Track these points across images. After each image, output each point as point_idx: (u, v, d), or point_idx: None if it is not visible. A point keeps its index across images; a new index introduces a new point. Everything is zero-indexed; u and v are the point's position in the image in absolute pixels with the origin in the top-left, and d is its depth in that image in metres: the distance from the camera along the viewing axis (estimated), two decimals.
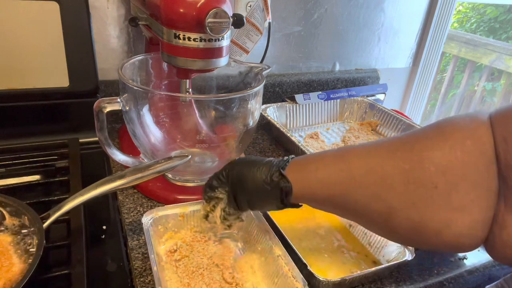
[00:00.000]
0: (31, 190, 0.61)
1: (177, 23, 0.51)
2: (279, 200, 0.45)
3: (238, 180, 0.48)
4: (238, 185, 0.48)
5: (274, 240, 0.51)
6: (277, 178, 0.45)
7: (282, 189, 0.44)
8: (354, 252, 0.57)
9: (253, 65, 0.67)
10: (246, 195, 0.48)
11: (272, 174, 0.45)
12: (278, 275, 0.48)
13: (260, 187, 0.46)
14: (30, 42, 0.66)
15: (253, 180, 0.46)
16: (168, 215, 0.55)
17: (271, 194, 0.45)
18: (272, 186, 0.45)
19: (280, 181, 0.44)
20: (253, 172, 0.46)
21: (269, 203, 0.47)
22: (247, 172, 0.47)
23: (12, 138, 0.70)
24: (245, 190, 0.47)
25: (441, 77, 2.36)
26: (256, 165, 0.47)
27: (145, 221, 0.52)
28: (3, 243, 0.45)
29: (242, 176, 0.47)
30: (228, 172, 0.49)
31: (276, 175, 0.45)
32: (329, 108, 0.99)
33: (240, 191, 0.48)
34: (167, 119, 0.65)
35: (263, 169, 0.46)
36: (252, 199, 0.48)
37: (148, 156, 0.62)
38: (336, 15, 1.04)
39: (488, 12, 3.51)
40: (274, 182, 0.45)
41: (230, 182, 0.48)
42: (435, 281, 0.55)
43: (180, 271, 0.49)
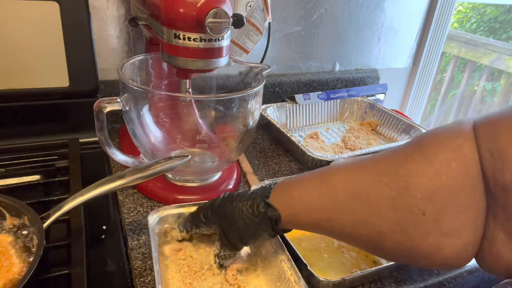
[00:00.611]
0: (31, 190, 0.61)
1: (177, 23, 0.51)
2: (271, 229, 0.45)
3: (224, 219, 0.47)
4: (226, 224, 0.47)
5: (278, 244, 0.51)
6: (264, 209, 0.44)
7: (271, 218, 0.44)
8: (354, 252, 0.57)
9: (253, 65, 0.67)
10: (236, 232, 0.47)
11: (258, 206, 0.45)
12: (280, 279, 0.48)
13: (249, 221, 0.45)
14: (30, 42, 0.66)
15: (240, 216, 0.46)
16: (174, 215, 0.55)
17: (261, 226, 0.45)
18: (261, 218, 0.44)
19: (268, 211, 0.44)
20: (238, 208, 0.46)
21: (260, 235, 0.46)
22: (232, 210, 0.46)
23: (12, 138, 0.70)
24: (234, 228, 0.46)
25: (441, 77, 2.36)
26: (239, 201, 0.46)
27: (151, 219, 0.52)
28: (3, 243, 0.45)
29: (228, 215, 0.47)
30: (212, 211, 0.48)
31: (262, 206, 0.44)
32: (329, 108, 0.99)
33: (229, 229, 0.47)
34: (167, 119, 0.65)
35: (247, 203, 0.46)
36: (243, 235, 0.47)
37: (148, 156, 0.62)
38: (336, 15, 1.04)
39: (488, 12, 3.51)
40: (261, 213, 0.44)
41: (218, 222, 0.48)
42: (435, 281, 0.55)
43: (183, 271, 0.49)
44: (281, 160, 0.81)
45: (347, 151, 0.84)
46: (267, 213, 0.44)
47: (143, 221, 0.59)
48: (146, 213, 0.60)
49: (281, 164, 0.80)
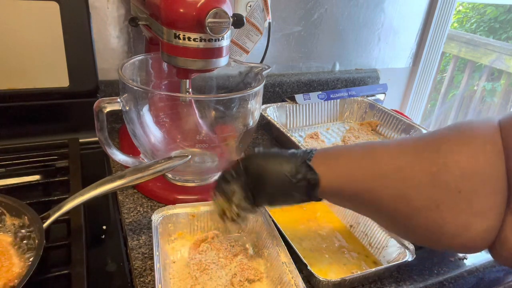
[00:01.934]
0: (31, 190, 0.61)
1: (177, 23, 0.51)
2: (304, 193, 0.43)
3: (257, 174, 0.44)
4: (258, 179, 0.44)
5: (281, 247, 0.51)
6: (304, 170, 0.42)
7: (309, 181, 0.42)
8: (354, 253, 0.57)
9: (253, 65, 0.67)
10: (267, 189, 0.44)
11: (298, 166, 0.43)
12: (281, 282, 0.48)
13: (285, 179, 0.43)
14: (30, 42, 0.66)
15: (276, 174, 0.43)
16: (178, 214, 0.55)
17: (296, 188, 0.43)
18: (298, 179, 0.42)
19: (308, 173, 0.42)
20: (275, 165, 0.44)
21: (291, 196, 0.44)
22: (268, 166, 0.44)
23: (12, 138, 0.70)
24: (266, 185, 0.44)
25: (441, 77, 2.36)
26: (277, 158, 0.44)
27: (154, 218, 0.52)
28: (3, 243, 0.45)
29: (263, 170, 0.44)
30: (245, 165, 0.45)
31: (303, 167, 0.43)
32: (329, 108, 0.99)
33: (260, 186, 0.44)
34: (167, 119, 0.65)
35: (287, 161, 0.43)
36: (274, 193, 0.45)
37: (148, 156, 0.62)
38: (336, 15, 1.04)
39: (488, 12, 3.51)
40: (300, 174, 0.42)
41: (249, 176, 0.45)
42: (435, 281, 0.55)
43: (186, 271, 0.49)
44: None
45: None
46: (306, 175, 0.42)
47: (143, 221, 0.59)
48: (146, 213, 0.60)
49: None
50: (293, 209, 0.64)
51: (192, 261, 0.50)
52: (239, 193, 0.46)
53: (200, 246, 0.52)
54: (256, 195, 0.45)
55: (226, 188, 0.47)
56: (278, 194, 0.45)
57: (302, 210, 0.64)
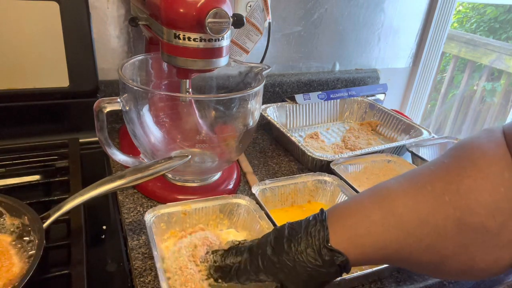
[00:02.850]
0: (31, 190, 0.61)
1: (177, 23, 0.51)
2: (339, 274, 0.41)
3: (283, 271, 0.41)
4: (286, 276, 0.41)
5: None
6: (329, 257, 0.39)
7: (339, 265, 0.40)
8: None
9: (253, 65, 0.67)
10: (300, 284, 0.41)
11: (321, 254, 0.40)
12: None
13: (314, 272, 0.40)
14: (30, 42, 0.66)
15: (303, 268, 0.40)
16: (170, 213, 0.55)
17: (328, 273, 0.40)
18: (327, 266, 0.40)
19: (334, 258, 0.39)
20: (297, 259, 0.40)
21: (327, 281, 0.42)
22: (290, 260, 0.41)
23: (12, 138, 0.70)
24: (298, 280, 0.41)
25: (441, 77, 2.36)
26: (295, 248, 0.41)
27: (147, 218, 0.52)
28: (3, 243, 0.45)
29: (287, 266, 0.41)
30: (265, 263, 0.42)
31: (325, 252, 0.39)
32: (329, 108, 0.99)
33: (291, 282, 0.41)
34: (167, 119, 0.65)
35: (307, 252, 0.40)
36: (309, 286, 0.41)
37: (148, 156, 0.62)
38: (336, 15, 1.04)
39: (488, 12, 3.51)
40: (327, 262, 0.39)
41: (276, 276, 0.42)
42: (435, 281, 0.55)
43: (170, 261, 0.49)
44: (281, 160, 0.81)
45: (347, 151, 0.84)
46: (334, 261, 0.39)
47: (143, 221, 0.59)
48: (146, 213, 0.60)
49: (281, 164, 0.80)
50: (292, 209, 0.64)
51: (171, 257, 0.50)
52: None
53: (179, 241, 0.52)
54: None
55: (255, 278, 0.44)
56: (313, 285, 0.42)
57: (302, 210, 0.64)
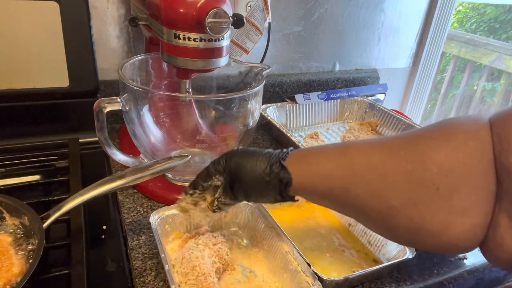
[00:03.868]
0: (31, 190, 0.61)
1: (177, 23, 0.51)
2: (278, 192, 0.44)
3: (236, 169, 0.46)
4: (236, 174, 0.46)
5: (281, 237, 0.52)
6: (277, 169, 0.44)
7: (281, 180, 0.43)
8: (354, 251, 0.57)
9: (253, 65, 0.67)
10: (243, 185, 0.46)
11: (272, 165, 0.44)
12: (287, 270, 0.49)
13: (259, 177, 0.44)
14: (30, 42, 0.66)
15: (252, 170, 0.45)
16: (174, 215, 0.55)
17: (270, 185, 0.44)
18: (272, 177, 0.44)
19: (280, 172, 0.43)
20: (252, 162, 0.45)
21: (266, 195, 0.46)
22: (246, 162, 0.46)
23: (12, 138, 0.70)
24: (243, 180, 0.46)
25: (441, 77, 2.36)
26: (255, 156, 0.46)
27: (152, 220, 0.52)
28: (3, 243, 0.45)
29: (241, 166, 0.46)
30: (226, 160, 0.47)
31: (276, 166, 0.44)
32: (329, 108, 0.99)
33: (238, 181, 0.46)
34: (167, 119, 0.65)
35: (262, 160, 0.45)
36: (250, 190, 0.46)
37: (148, 156, 0.62)
38: (336, 15, 1.04)
39: (488, 12, 3.52)
40: (273, 173, 0.44)
41: (228, 171, 0.47)
42: (435, 281, 0.55)
43: (187, 272, 0.50)
44: None
45: None
46: (279, 174, 0.43)
47: (143, 221, 0.59)
48: (146, 213, 0.60)
49: None
50: (291, 209, 0.64)
51: (179, 259, 0.50)
52: (220, 187, 0.48)
53: (188, 242, 0.53)
54: (234, 190, 0.47)
55: (209, 182, 0.48)
56: (254, 191, 0.46)
57: (301, 210, 0.64)
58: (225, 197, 0.48)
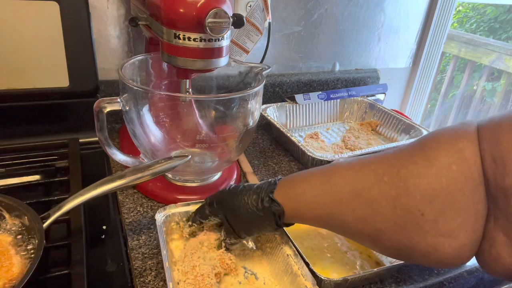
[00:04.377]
0: (31, 190, 0.61)
1: (177, 23, 0.51)
2: (274, 223, 0.47)
3: (230, 210, 0.49)
4: (231, 215, 0.49)
5: (284, 240, 0.52)
6: (268, 204, 0.46)
7: (274, 213, 0.46)
8: (357, 253, 0.57)
9: (253, 65, 0.67)
10: (241, 223, 0.49)
11: (263, 200, 0.47)
12: (287, 274, 0.49)
13: (254, 215, 0.47)
14: (30, 42, 0.66)
15: (246, 210, 0.48)
16: (180, 213, 0.55)
17: (265, 219, 0.47)
18: (265, 212, 0.47)
19: (272, 206, 0.46)
20: (244, 202, 0.48)
21: (264, 228, 0.49)
22: (238, 203, 0.48)
23: (12, 138, 0.70)
24: (240, 220, 0.49)
25: (441, 77, 2.36)
26: (245, 194, 0.48)
27: (158, 217, 0.53)
28: (3, 243, 0.45)
29: (234, 207, 0.49)
30: (217, 202, 0.50)
31: (267, 201, 0.46)
32: (329, 108, 0.99)
33: (234, 220, 0.49)
34: (167, 119, 0.65)
35: (252, 197, 0.48)
36: (248, 227, 0.49)
37: (148, 156, 0.62)
38: (336, 15, 1.04)
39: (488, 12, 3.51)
40: (266, 208, 0.46)
41: (223, 214, 0.50)
42: (435, 281, 0.55)
43: (189, 270, 0.50)
44: (281, 160, 0.81)
45: (347, 151, 0.84)
46: (271, 208, 0.46)
47: (143, 221, 0.59)
48: (146, 213, 0.60)
49: (281, 164, 0.80)
50: None
51: (181, 257, 0.51)
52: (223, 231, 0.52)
53: (192, 241, 0.53)
54: (234, 229, 0.50)
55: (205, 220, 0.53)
56: (252, 226, 0.49)
57: None
58: (229, 238, 0.51)
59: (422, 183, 0.37)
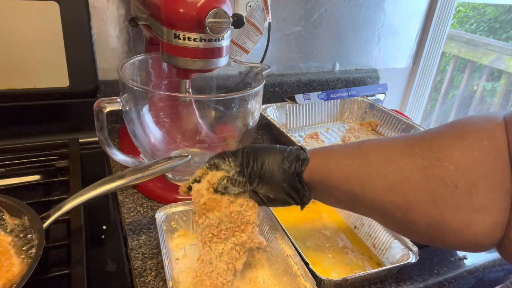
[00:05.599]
0: (31, 190, 0.61)
1: (177, 23, 0.51)
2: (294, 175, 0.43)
3: (254, 149, 0.46)
4: (254, 153, 0.45)
5: (284, 240, 0.52)
6: (297, 150, 0.45)
7: (298, 156, 0.44)
8: (358, 254, 0.57)
9: (253, 65, 0.67)
10: (260, 161, 0.45)
11: (292, 147, 0.46)
12: (287, 274, 0.49)
13: (278, 154, 0.45)
14: (30, 42, 0.66)
15: (271, 150, 0.46)
16: (181, 212, 0.55)
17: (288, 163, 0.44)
18: (289, 155, 0.44)
19: (300, 152, 0.45)
20: (272, 147, 0.47)
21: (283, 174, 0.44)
22: (265, 147, 0.47)
23: (12, 138, 0.70)
24: (260, 156, 0.45)
25: (441, 77, 2.36)
26: (276, 146, 0.47)
27: (158, 216, 0.53)
28: (3, 243, 0.45)
29: (260, 147, 0.47)
30: (244, 147, 0.47)
31: (296, 148, 0.46)
32: (329, 108, 0.99)
33: (254, 158, 0.45)
34: (167, 119, 0.65)
35: (282, 147, 0.47)
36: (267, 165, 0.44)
37: (148, 156, 0.62)
38: (336, 15, 1.04)
39: (488, 12, 3.51)
40: (292, 153, 0.45)
41: (246, 152, 0.46)
42: (435, 281, 0.55)
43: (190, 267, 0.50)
44: None
45: None
46: (297, 153, 0.44)
47: (143, 221, 0.59)
48: (146, 213, 0.60)
49: None
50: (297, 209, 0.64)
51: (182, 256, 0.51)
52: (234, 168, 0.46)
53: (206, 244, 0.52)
54: (248, 169, 0.45)
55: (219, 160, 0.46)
56: (269, 169, 0.44)
57: (307, 210, 0.63)
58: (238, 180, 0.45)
59: (454, 154, 0.37)
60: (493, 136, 0.37)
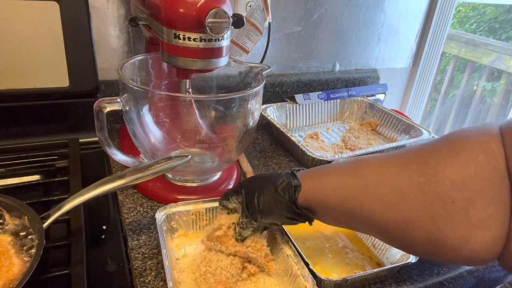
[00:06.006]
0: (31, 190, 0.61)
1: (177, 23, 0.51)
2: (290, 200, 0.45)
3: (250, 185, 0.49)
4: (250, 190, 0.48)
5: (284, 240, 0.52)
6: (288, 177, 0.46)
7: (291, 184, 0.45)
8: (358, 254, 0.57)
9: (253, 65, 0.67)
10: (256, 198, 0.47)
11: (283, 175, 0.47)
12: (287, 274, 0.49)
13: (270, 188, 0.46)
14: (30, 42, 0.66)
15: (264, 182, 0.47)
16: (181, 212, 0.55)
17: (282, 193, 0.45)
18: (282, 185, 0.46)
19: (291, 179, 0.45)
20: (265, 177, 0.48)
21: (279, 204, 0.46)
22: (259, 179, 0.49)
23: (12, 138, 0.70)
24: (256, 193, 0.47)
25: (441, 77, 2.36)
26: (269, 174, 0.49)
27: (158, 216, 0.53)
28: (3, 243, 0.45)
29: (254, 183, 0.49)
30: (242, 185, 0.50)
31: (287, 175, 0.46)
32: (329, 108, 0.99)
33: (251, 195, 0.48)
34: (167, 119, 0.65)
35: (275, 175, 0.48)
36: (263, 201, 0.47)
37: (148, 156, 0.62)
38: (336, 15, 1.04)
39: (488, 12, 3.51)
40: (283, 181, 0.46)
41: (244, 190, 0.49)
42: (435, 281, 0.55)
43: (191, 268, 0.50)
44: (281, 160, 0.81)
45: (347, 151, 0.84)
46: (290, 181, 0.46)
47: (143, 221, 0.59)
48: (146, 213, 0.60)
49: (281, 164, 0.80)
50: None
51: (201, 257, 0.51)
52: (239, 215, 0.50)
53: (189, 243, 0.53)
54: (249, 207, 0.48)
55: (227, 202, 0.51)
56: (267, 200, 0.47)
57: None
58: (242, 217, 0.49)
59: (451, 170, 0.37)
60: (488, 149, 0.36)
